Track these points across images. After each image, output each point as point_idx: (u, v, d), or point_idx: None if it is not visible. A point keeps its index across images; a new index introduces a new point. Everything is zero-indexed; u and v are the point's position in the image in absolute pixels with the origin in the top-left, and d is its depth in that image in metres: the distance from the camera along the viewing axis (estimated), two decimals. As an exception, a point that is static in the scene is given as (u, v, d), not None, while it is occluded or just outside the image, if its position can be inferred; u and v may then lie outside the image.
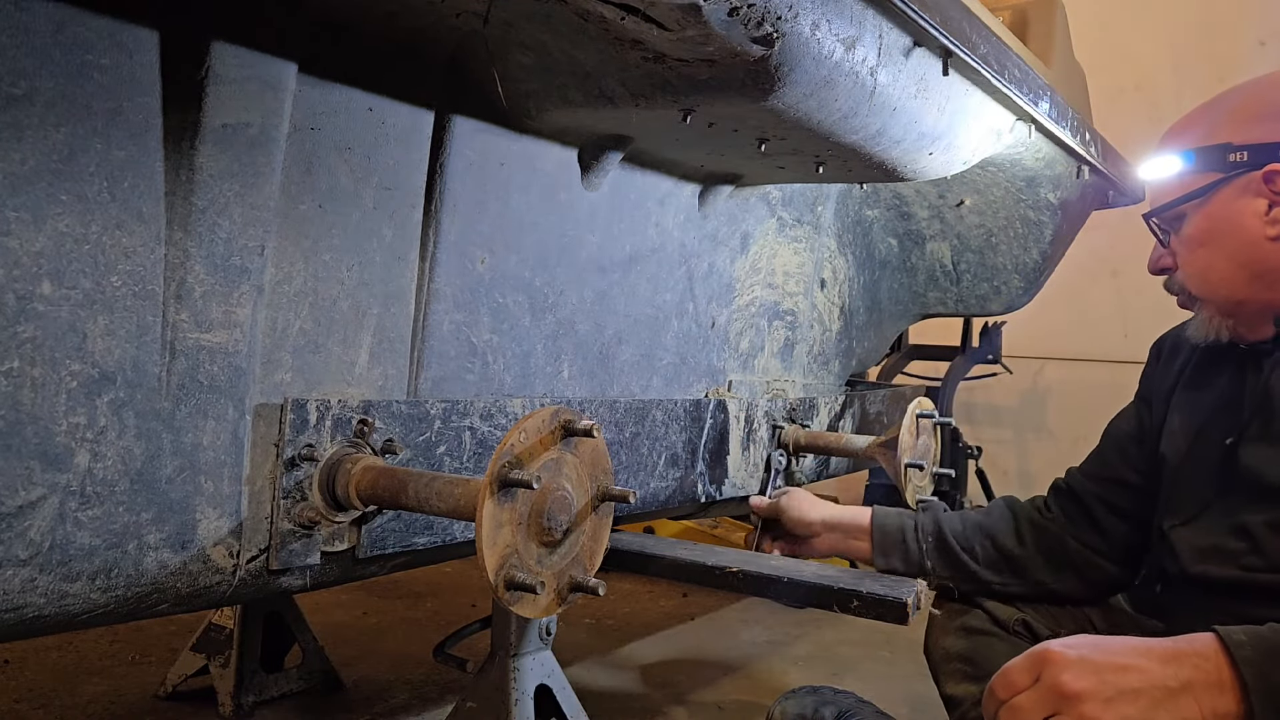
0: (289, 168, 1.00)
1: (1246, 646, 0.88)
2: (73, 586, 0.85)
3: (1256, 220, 1.16)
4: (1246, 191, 1.16)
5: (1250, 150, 1.16)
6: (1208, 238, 1.21)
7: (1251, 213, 1.16)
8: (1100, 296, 3.85)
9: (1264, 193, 1.15)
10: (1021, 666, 0.93)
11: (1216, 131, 1.20)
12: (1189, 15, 3.85)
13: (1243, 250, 1.18)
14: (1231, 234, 1.18)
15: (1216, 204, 1.19)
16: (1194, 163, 1.21)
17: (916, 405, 1.78)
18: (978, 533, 1.49)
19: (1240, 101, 1.21)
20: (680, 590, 2.83)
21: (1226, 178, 1.18)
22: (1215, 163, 1.19)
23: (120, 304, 0.87)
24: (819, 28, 1.00)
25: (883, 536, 1.53)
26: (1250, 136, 1.17)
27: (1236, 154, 1.17)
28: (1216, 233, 1.20)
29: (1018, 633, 1.40)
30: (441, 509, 0.98)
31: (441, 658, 1.50)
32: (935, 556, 1.48)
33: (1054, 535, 1.46)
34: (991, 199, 2.20)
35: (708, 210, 1.66)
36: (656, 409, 1.52)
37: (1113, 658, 0.90)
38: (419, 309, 1.18)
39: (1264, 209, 1.15)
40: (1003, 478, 3.93)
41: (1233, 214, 1.18)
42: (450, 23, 1.03)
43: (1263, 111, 1.18)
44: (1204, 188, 1.20)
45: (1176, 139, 1.25)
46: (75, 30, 0.82)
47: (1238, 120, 1.19)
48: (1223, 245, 1.20)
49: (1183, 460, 1.30)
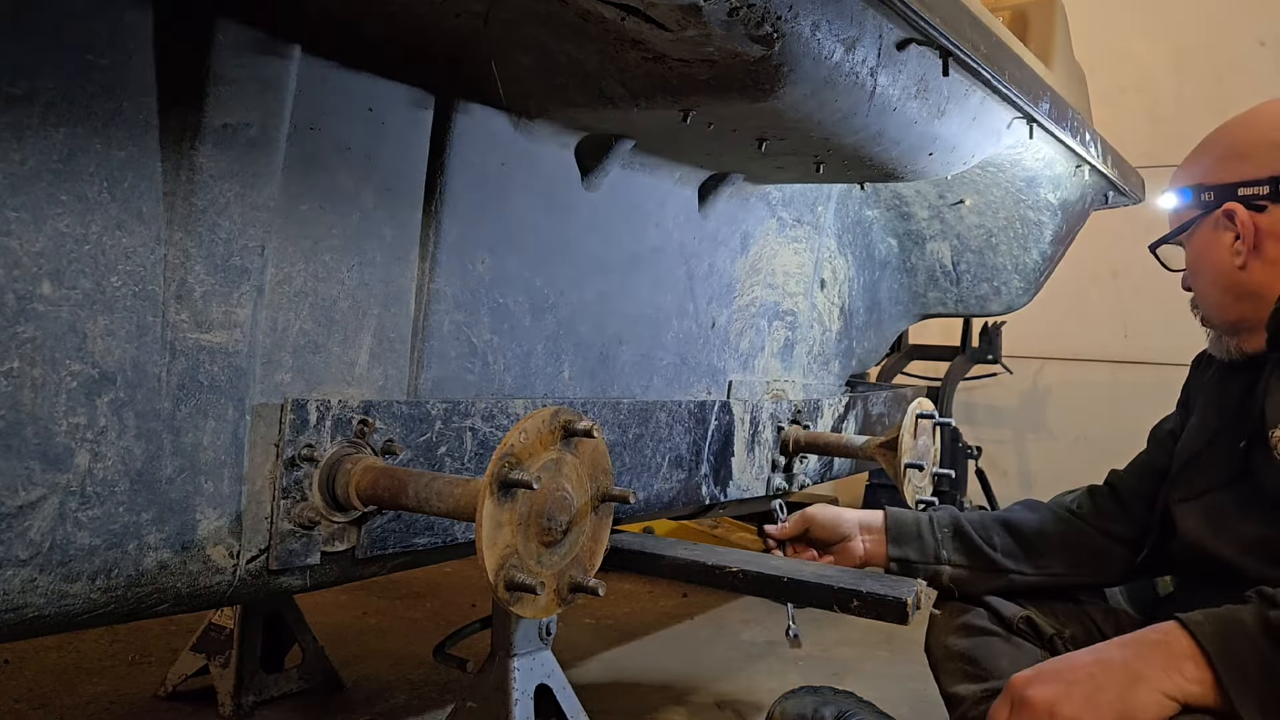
0: (289, 168, 1.00)
1: (1205, 624, 1.00)
2: (73, 586, 0.85)
3: (1227, 252, 1.28)
4: (1219, 226, 1.28)
5: (1215, 191, 1.29)
6: (1197, 268, 1.35)
7: (1223, 245, 1.28)
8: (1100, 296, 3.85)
9: (1230, 227, 1.27)
10: (999, 703, 1.07)
11: (1197, 171, 1.34)
12: (1189, 15, 3.85)
13: (1222, 277, 1.30)
14: (1212, 264, 1.31)
15: (1198, 238, 1.33)
16: (1187, 199, 1.34)
17: (917, 406, 1.78)
18: (997, 524, 1.51)
19: (1216, 141, 1.34)
20: (680, 590, 2.83)
21: (1200, 215, 1.31)
22: (1195, 201, 1.32)
23: (120, 304, 0.87)
24: (819, 28, 1.00)
25: (898, 528, 1.54)
26: (1217, 177, 1.30)
27: (1207, 194, 1.30)
28: (1202, 263, 1.33)
29: (1021, 630, 1.40)
30: (441, 509, 0.98)
31: (441, 658, 1.50)
32: (951, 545, 1.50)
33: (1077, 528, 1.49)
34: (991, 199, 2.20)
35: (708, 210, 1.66)
36: (660, 410, 1.52)
37: (1071, 662, 1.06)
38: (419, 309, 1.18)
39: (1231, 241, 1.27)
40: (1003, 478, 3.93)
41: (1210, 247, 1.30)
42: (450, 22, 1.03)
43: (1228, 152, 1.31)
44: (1186, 224, 1.34)
45: (1177, 176, 1.38)
46: (75, 30, 0.82)
47: (1211, 160, 1.32)
48: (1208, 274, 1.32)
49: (1198, 453, 1.37)
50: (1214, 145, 1.33)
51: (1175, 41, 3.86)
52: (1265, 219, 1.24)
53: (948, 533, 1.51)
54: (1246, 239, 1.25)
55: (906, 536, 1.53)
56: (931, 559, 1.50)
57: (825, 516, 1.60)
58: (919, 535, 1.52)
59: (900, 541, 1.53)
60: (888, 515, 1.56)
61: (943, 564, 1.49)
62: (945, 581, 1.49)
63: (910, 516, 1.55)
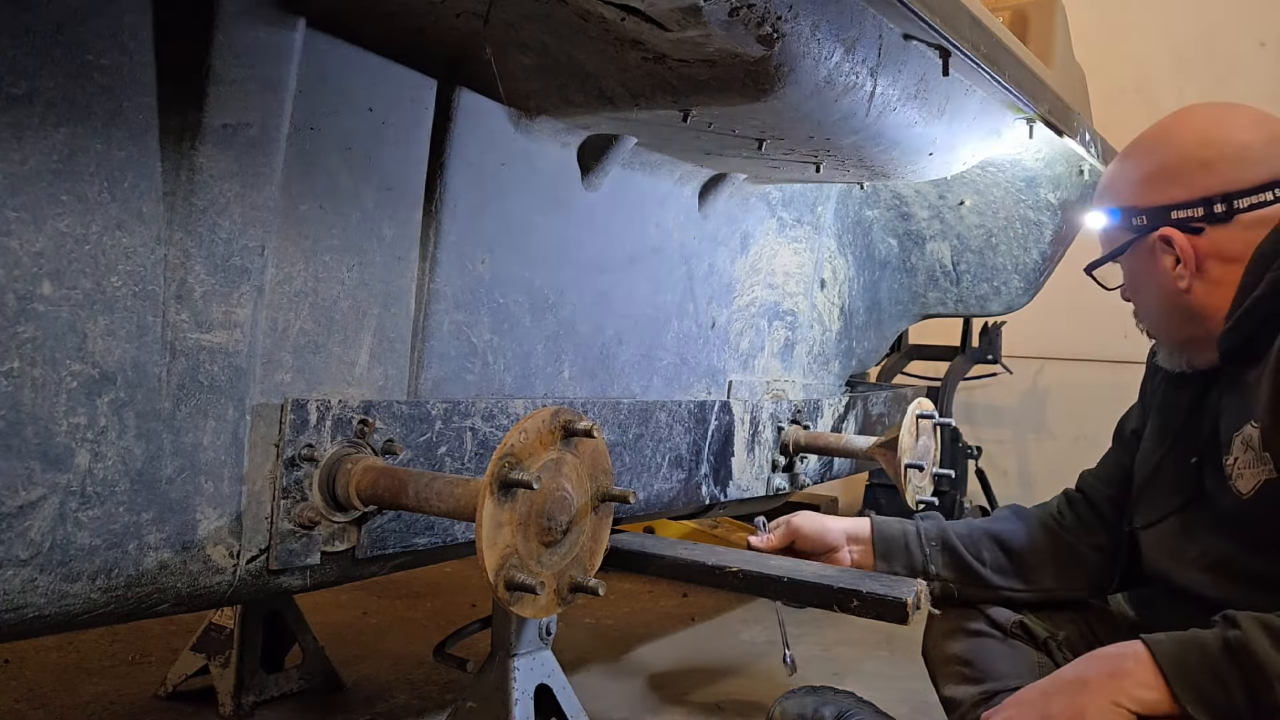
0: (289, 168, 1.00)
1: (1165, 642, 1.04)
2: (73, 586, 0.85)
3: (1169, 276, 1.23)
4: (1156, 251, 1.23)
5: (1147, 214, 1.24)
6: (1138, 287, 1.31)
7: (1163, 269, 1.23)
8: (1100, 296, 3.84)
9: (1169, 251, 1.22)
10: None
11: (1124, 192, 1.28)
12: (1189, 16, 3.84)
13: (1167, 300, 1.25)
14: (1154, 287, 1.26)
15: (1135, 260, 1.28)
16: (1115, 220, 1.29)
17: (916, 406, 1.78)
18: (985, 538, 1.48)
19: (1140, 158, 1.27)
20: (680, 590, 2.83)
21: (1136, 238, 1.26)
22: (1126, 223, 1.27)
23: (120, 304, 0.87)
24: (819, 28, 1.00)
25: (884, 541, 1.52)
26: (1146, 199, 1.24)
27: (1139, 218, 1.25)
28: (1142, 284, 1.30)
29: (1015, 634, 1.40)
30: (441, 509, 0.98)
31: (441, 658, 1.50)
32: (940, 561, 1.48)
33: (1065, 542, 1.46)
34: (991, 199, 2.20)
35: (708, 210, 1.66)
36: (660, 410, 1.52)
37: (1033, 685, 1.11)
38: (419, 309, 1.18)
39: (1172, 265, 1.22)
40: (1002, 478, 3.93)
41: (1149, 269, 1.26)
42: (450, 23, 1.03)
43: (1155, 173, 1.24)
44: (1120, 247, 1.29)
45: (1103, 194, 1.33)
46: (75, 30, 0.82)
47: (1137, 181, 1.26)
48: (1151, 297, 1.29)
49: (1151, 472, 1.36)
50: (1139, 163, 1.27)
51: (1175, 41, 3.86)
52: (1204, 241, 1.20)
53: (936, 546, 1.49)
54: (1188, 264, 1.21)
55: (894, 549, 1.51)
56: (920, 573, 1.48)
57: (811, 528, 1.56)
58: (906, 548, 1.50)
59: (887, 555, 1.51)
60: (874, 526, 1.54)
61: (931, 579, 1.47)
62: (935, 594, 1.48)
63: (897, 528, 1.53)
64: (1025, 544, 1.47)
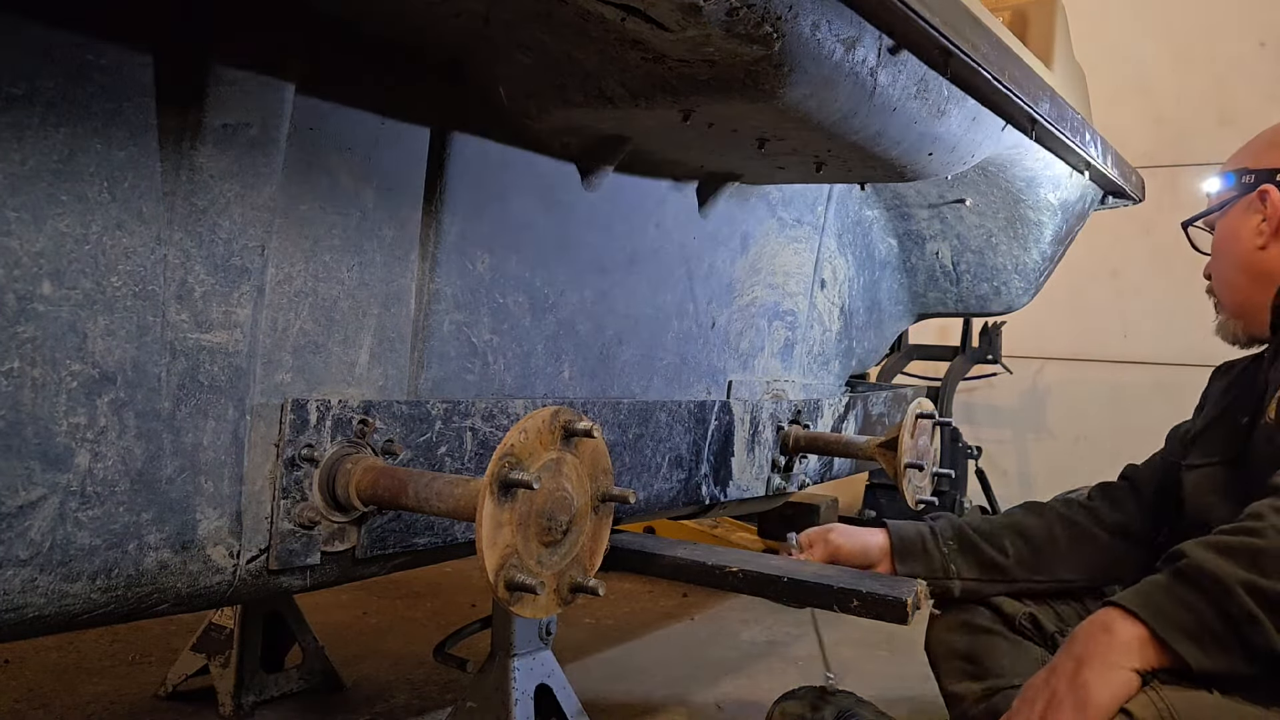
0: (289, 168, 1.00)
1: (1131, 596, 1.08)
2: (73, 586, 0.85)
3: (1251, 232, 1.37)
4: (1250, 209, 1.37)
5: (1257, 174, 1.38)
6: (1221, 248, 1.44)
7: (1249, 226, 1.37)
8: (1100, 296, 3.85)
9: (1260, 209, 1.36)
10: None
11: (1243, 157, 1.43)
12: (1189, 15, 3.84)
13: (1242, 257, 1.38)
14: (1235, 244, 1.40)
15: (1229, 218, 1.41)
16: (1229, 183, 1.42)
17: (916, 406, 1.78)
18: (1006, 530, 1.50)
19: (1268, 134, 1.43)
20: (680, 590, 2.83)
21: (1236, 196, 1.40)
22: (1236, 184, 1.41)
23: (120, 304, 0.87)
24: (819, 28, 1.00)
25: (901, 543, 1.52)
26: (1260, 161, 1.39)
27: (1248, 176, 1.39)
28: (1226, 243, 1.42)
29: (1024, 627, 1.40)
30: (441, 509, 0.98)
31: (441, 658, 1.50)
32: (960, 558, 1.48)
33: (1087, 531, 1.49)
34: (991, 199, 2.20)
35: (708, 210, 1.66)
36: (660, 410, 1.52)
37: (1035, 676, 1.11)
38: (419, 309, 1.18)
39: (1257, 223, 1.36)
40: (1002, 478, 3.93)
41: (1237, 227, 1.39)
42: (450, 23, 1.03)
43: (1273, 140, 1.40)
44: (1221, 204, 1.42)
45: (1226, 163, 1.46)
46: (75, 30, 0.82)
47: (1258, 147, 1.42)
48: (1229, 253, 1.41)
49: (1205, 426, 1.43)
50: (1265, 134, 1.42)
51: (1175, 41, 3.86)
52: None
53: (954, 546, 1.49)
54: (1271, 220, 1.33)
55: (912, 552, 1.50)
56: (940, 574, 1.47)
57: (852, 546, 1.54)
58: (924, 550, 1.50)
59: (906, 557, 1.50)
60: (890, 531, 1.54)
61: (953, 579, 1.47)
62: (956, 595, 1.47)
63: (913, 530, 1.53)
64: (1046, 535, 1.49)
